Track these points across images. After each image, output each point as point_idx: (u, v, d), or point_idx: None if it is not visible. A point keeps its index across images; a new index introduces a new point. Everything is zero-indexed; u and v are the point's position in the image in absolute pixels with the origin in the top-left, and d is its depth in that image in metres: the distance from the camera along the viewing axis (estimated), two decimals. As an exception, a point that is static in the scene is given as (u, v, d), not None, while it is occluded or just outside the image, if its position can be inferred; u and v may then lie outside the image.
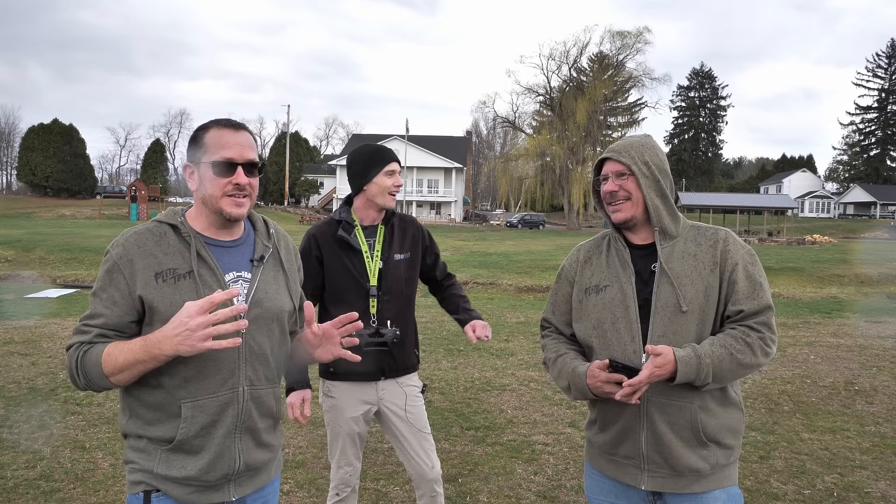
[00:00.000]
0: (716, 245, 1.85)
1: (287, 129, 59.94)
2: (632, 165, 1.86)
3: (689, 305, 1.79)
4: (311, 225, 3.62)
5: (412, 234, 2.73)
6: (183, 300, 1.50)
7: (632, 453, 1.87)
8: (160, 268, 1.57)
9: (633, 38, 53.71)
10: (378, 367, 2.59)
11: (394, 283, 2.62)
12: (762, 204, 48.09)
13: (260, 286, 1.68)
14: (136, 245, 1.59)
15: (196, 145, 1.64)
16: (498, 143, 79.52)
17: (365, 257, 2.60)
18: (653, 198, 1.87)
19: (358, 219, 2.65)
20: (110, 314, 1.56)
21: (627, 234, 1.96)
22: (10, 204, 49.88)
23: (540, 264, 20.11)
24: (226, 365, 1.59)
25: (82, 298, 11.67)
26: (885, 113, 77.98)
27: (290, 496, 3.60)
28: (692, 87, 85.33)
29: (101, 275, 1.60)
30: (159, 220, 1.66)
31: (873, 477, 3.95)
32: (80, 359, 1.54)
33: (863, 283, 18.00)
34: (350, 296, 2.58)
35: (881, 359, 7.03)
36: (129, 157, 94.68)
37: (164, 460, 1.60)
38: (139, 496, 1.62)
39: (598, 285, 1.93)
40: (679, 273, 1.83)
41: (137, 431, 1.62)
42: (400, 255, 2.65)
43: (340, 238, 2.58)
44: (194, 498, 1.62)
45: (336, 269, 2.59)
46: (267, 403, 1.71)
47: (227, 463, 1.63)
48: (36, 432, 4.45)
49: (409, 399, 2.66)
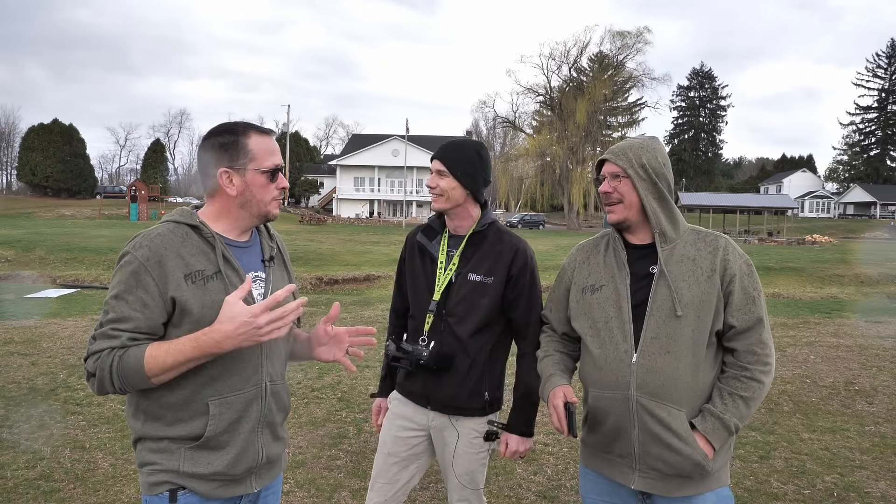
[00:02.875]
0: (716, 252, 1.85)
1: (287, 129, 59.92)
2: (627, 168, 1.86)
3: (685, 310, 1.80)
4: (311, 225, 3.58)
5: (500, 253, 2.28)
6: (213, 301, 1.58)
7: (624, 452, 1.88)
8: (188, 269, 1.60)
9: (634, 38, 53.83)
10: (423, 391, 2.30)
11: (459, 305, 2.24)
12: (762, 204, 48.08)
13: (275, 285, 1.76)
14: (163, 247, 1.60)
15: (237, 151, 1.67)
16: (498, 143, 79.39)
17: (438, 268, 2.30)
18: (650, 201, 1.87)
19: (448, 225, 2.36)
20: (141, 317, 1.55)
21: (626, 234, 1.97)
22: (10, 204, 49.87)
23: (540, 264, 19.89)
24: (250, 363, 1.66)
25: (82, 298, 11.66)
26: (885, 113, 77.98)
27: (290, 496, 3.59)
28: (692, 87, 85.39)
29: (123, 277, 1.57)
30: (177, 221, 1.66)
31: (873, 477, 3.95)
32: (115, 364, 1.53)
33: (863, 283, 17.99)
34: (415, 307, 2.34)
35: (881, 359, 7.02)
36: (129, 157, 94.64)
37: (190, 458, 1.63)
38: (164, 496, 1.63)
39: (594, 285, 1.96)
40: (676, 276, 1.83)
41: (157, 433, 1.63)
42: (477, 276, 2.25)
43: (419, 243, 2.37)
44: (220, 492, 1.67)
45: (412, 276, 2.38)
46: (282, 398, 1.80)
47: (252, 456, 1.70)
48: (36, 432, 4.45)
49: (459, 442, 2.29)
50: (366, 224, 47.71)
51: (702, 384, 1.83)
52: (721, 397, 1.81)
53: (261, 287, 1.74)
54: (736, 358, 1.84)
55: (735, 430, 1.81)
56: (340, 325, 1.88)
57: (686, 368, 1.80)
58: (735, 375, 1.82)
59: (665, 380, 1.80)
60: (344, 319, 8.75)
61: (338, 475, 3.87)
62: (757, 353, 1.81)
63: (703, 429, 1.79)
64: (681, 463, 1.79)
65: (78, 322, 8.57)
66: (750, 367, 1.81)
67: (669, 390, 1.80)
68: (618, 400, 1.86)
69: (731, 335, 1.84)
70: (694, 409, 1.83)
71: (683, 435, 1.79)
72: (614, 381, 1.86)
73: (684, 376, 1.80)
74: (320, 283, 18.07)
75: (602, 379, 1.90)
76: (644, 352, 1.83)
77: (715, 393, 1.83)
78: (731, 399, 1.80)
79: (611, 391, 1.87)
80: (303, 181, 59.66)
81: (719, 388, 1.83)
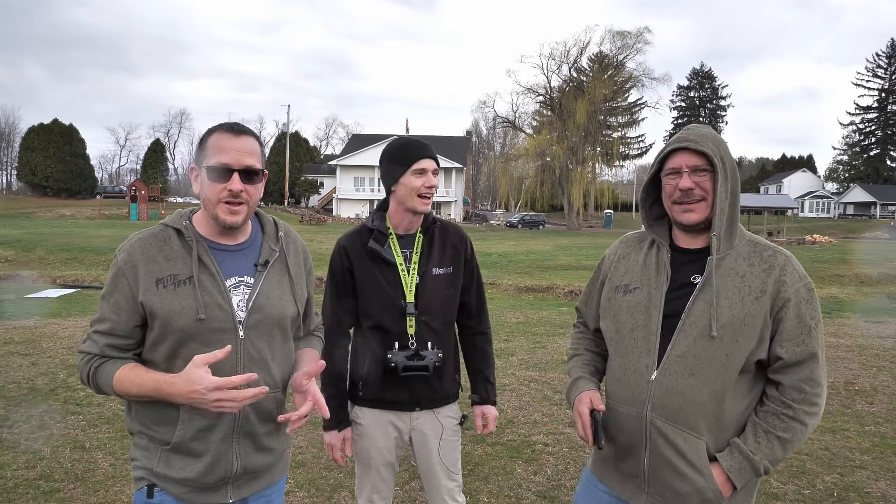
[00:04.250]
0: (770, 271, 1.62)
1: (287, 129, 59.93)
2: (714, 159, 1.61)
3: (721, 331, 1.59)
4: (311, 225, 3.52)
5: (453, 244, 2.35)
6: (181, 306, 1.57)
7: (634, 471, 1.74)
8: (161, 274, 1.60)
9: (634, 38, 53.76)
10: (413, 396, 2.30)
11: (432, 301, 2.27)
12: (762, 204, 48.04)
13: (262, 291, 1.67)
14: (139, 251, 1.62)
15: (200, 148, 1.66)
16: (498, 143, 79.52)
17: (400, 270, 2.25)
18: (723, 200, 1.62)
19: (392, 226, 2.30)
20: (117, 319, 1.61)
21: (676, 234, 1.75)
22: (10, 204, 49.85)
23: (540, 264, 20.09)
24: (224, 372, 1.57)
25: (82, 298, 11.67)
26: (885, 113, 77.98)
27: (290, 496, 3.59)
28: (692, 87, 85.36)
29: (108, 279, 1.64)
30: (165, 224, 1.68)
31: (873, 477, 3.95)
32: (91, 373, 1.63)
33: (863, 283, 17.98)
34: (385, 315, 2.25)
35: (881, 359, 7.03)
36: (129, 157, 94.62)
37: (165, 460, 1.64)
38: (143, 491, 1.67)
39: (628, 285, 1.77)
40: (720, 292, 1.62)
41: (140, 429, 1.68)
42: (439, 270, 2.29)
43: (371, 249, 2.25)
44: (192, 497, 1.67)
45: (368, 284, 2.26)
46: (266, 409, 1.71)
47: (224, 467, 1.66)
48: (36, 432, 4.45)
49: (444, 433, 2.36)
50: (366, 224, 47.59)
51: (729, 414, 1.63)
52: (755, 434, 1.61)
53: (244, 293, 1.65)
54: (780, 393, 1.62)
55: (764, 473, 1.61)
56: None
57: (711, 395, 1.61)
58: (776, 412, 1.61)
59: (685, 403, 1.62)
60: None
61: (338, 475, 3.87)
62: (805, 391, 1.60)
63: (728, 466, 1.60)
64: (690, 495, 1.63)
65: (78, 322, 8.57)
66: (794, 406, 1.60)
67: (688, 416, 1.62)
68: (631, 417, 1.70)
69: (777, 367, 1.62)
70: (718, 440, 1.64)
71: (698, 465, 1.62)
72: (630, 396, 1.71)
73: (708, 403, 1.61)
74: (320, 283, 18.02)
75: (619, 392, 1.75)
76: (666, 370, 1.64)
77: (749, 428, 1.63)
78: (766, 438, 1.60)
79: (625, 406, 1.72)
80: (303, 181, 59.66)
81: (755, 423, 1.63)
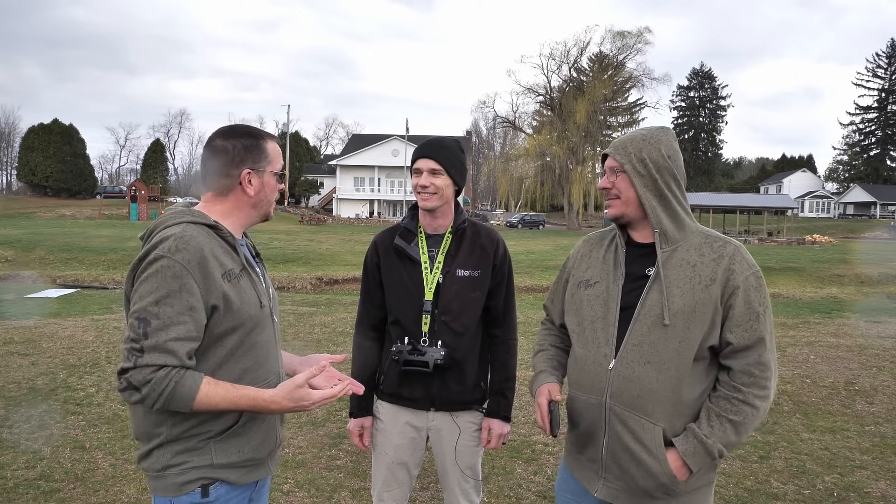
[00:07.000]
0: (719, 260, 1.71)
1: (287, 129, 59.94)
2: (625, 163, 1.78)
3: (673, 319, 1.69)
4: (311, 225, 3.54)
5: (482, 246, 2.31)
6: (244, 298, 1.65)
7: (593, 457, 1.83)
8: (223, 269, 1.63)
9: (634, 39, 53.82)
10: (426, 394, 2.28)
11: (453, 302, 2.24)
12: (762, 204, 48.11)
13: (266, 280, 1.85)
14: (201, 248, 1.58)
15: (259, 153, 1.75)
16: (498, 143, 79.47)
17: (423, 269, 2.26)
18: (649, 198, 1.77)
19: (423, 225, 2.32)
20: (190, 321, 1.53)
21: (630, 230, 1.87)
22: (10, 204, 49.86)
23: (540, 264, 20.10)
24: (272, 353, 1.76)
25: (82, 298, 11.66)
26: (885, 113, 77.94)
27: (290, 496, 3.59)
28: (692, 87, 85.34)
29: (163, 282, 1.51)
30: (195, 222, 1.63)
31: (873, 477, 3.95)
32: (172, 388, 1.49)
33: (863, 283, 18.00)
34: (403, 311, 2.26)
35: (881, 359, 7.02)
36: (129, 157, 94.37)
37: (221, 450, 1.66)
38: (195, 493, 1.63)
39: (588, 280, 1.89)
40: (671, 282, 1.72)
41: (186, 434, 1.62)
42: (464, 272, 2.26)
43: (397, 247, 2.29)
44: (247, 477, 1.73)
45: (392, 279, 2.30)
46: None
47: (272, 439, 1.79)
48: (36, 432, 4.44)
49: (461, 436, 2.32)
50: (366, 224, 47.68)
51: (685, 400, 1.71)
52: (708, 419, 1.69)
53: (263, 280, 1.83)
54: (730, 377, 1.70)
55: (718, 456, 1.69)
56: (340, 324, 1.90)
57: (666, 381, 1.69)
58: (726, 396, 1.69)
59: (641, 391, 1.71)
60: (344, 319, 8.78)
61: (338, 475, 3.87)
62: (754, 374, 1.68)
63: (683, 450, 1.68)
64: (646, 479, 1.71)
65: (78, 322, 8.56)
66: (743, 390, 1.68)
67: (645, 402, 1.70)
68: (591, 404, 1.80)
69: (727, 352, 1.70)
70: (674, 426, 1.72)
71: (654, 451, 1.70)
72: (590, 385, 1.81)
73: (663, 389, 1.69)
74: (320, 283, 18.07)
75: (580, 381, 1.85)
76: (623, 359, 1.74)
77: (702, 413, 1.71)
78: (719, 422, 1.68)
79: (586, 395, 1.82)
80: (303, 181, 59.65)
81: (707, 408, 1.71)
